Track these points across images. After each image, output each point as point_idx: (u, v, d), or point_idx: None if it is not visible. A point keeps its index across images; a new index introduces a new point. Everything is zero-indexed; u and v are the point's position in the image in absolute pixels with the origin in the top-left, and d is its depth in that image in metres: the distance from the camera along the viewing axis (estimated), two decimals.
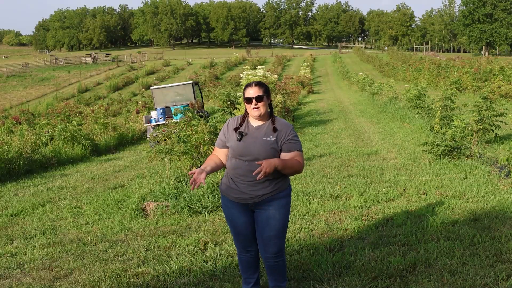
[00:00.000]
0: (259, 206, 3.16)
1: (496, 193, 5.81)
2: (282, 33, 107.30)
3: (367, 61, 56.74)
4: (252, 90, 3.12)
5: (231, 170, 3.18)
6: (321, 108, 20.26)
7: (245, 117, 3.23)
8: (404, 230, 4.65)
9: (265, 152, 3.07)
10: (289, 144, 3.11)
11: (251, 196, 3.13)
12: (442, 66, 29.80)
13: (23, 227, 5.63)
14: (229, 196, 3.22)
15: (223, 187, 3.26)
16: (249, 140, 3.12)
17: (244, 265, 3.38)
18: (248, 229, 3.26)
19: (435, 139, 8.04)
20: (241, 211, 3.22)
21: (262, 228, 3.19)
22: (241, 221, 3.23)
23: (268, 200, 3.14)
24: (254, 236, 3.29)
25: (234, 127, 3.19)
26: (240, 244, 3.33)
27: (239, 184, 3.14)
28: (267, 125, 3.16)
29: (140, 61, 69.17)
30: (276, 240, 3.19)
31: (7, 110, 34.15)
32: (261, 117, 3.15)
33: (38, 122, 16.17)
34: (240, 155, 3.11)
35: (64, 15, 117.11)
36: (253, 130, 3.15)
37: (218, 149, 3.30)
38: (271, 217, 3.15)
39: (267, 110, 3.17)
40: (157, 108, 13.84)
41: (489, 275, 3.61)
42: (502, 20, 69.47)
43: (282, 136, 3.11)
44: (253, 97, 3.10)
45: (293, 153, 3.12)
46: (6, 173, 9.06)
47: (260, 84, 3.16)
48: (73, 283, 3.88)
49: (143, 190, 6.55)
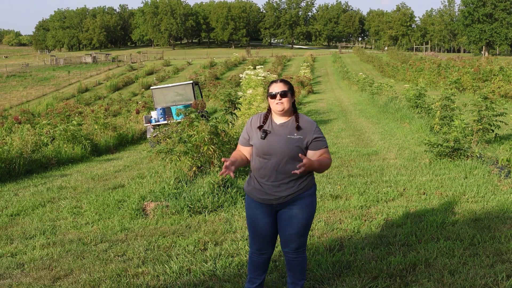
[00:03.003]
0: (283, 206, 3.16)
1: (496, 193, 5.81)
2: (282, 33, 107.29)
3: (367, 61, 56.73)
4: (277, 86, 3.13)
5: (256, 171, 3.16)
6: (321, 108, 20.26)
7: (268, 114, 3.21)
8: (404, 230, 4.65)
9: (290, 150, 3.05)
10: (316, 142, 3.11)
11: (276, 197, 3.12)
12: (442, 66, 29.79)
13: (23, 227, 5.63)
14: (254, 197, 3.20)
15: (248, 187, 3.24)
16: (273, 138, 3.10)
17: (254, 266, 3.35)
18: (269, 230, 3.23)
19: (437, 140, 8.03)
20: (264, 211, 3.20)
21: (284, 226, 3.18)
22: (263, 222, 3.21)
23: (292, 200, 3.13)
24: (272, 239, 3.27)
25: (258, 125, 3.18)
26: (256, 246, 3.29)
27: (264, 185, 3.13)
28: (290, 122, 3.14)
29: (140, 61, 69.16)
30: (296, 237, 3.18)
31: (7, 110, 34.19)
32: (284, 113, 3.13)
33: (38, 122, 16.18)
34: (265, 153, 3.10)
35: (64, 15, 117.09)
36: (277, 127, 3.14)
37: (241, 147, 3.27)
38: (294, 216, 3.14)
39: (291, 108, 3.16)
40: (157, 108, 13.85)
41: (489, 275, 3.61)
42: (502, 20, 69.45)
43: (308, 135, 3.10)
44: (277, 92, 3.11)
45: (321, 151, 3.12)
46: (6, 173, 9.06)
47: (284, 81, 3.18)
48: (73, 283, 3.88)
49: (143, 190, 6.55)
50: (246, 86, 15.08)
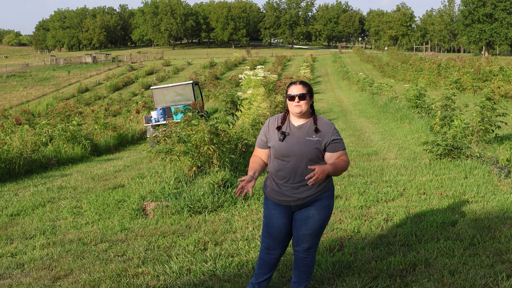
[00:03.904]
0: (301, 207, 3.17)
1: (496, 193, 5.81)
2: (282, 33, 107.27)
3: (367, 61, 56.72)
4: (295, 88, 3.12)
5: (274, 172, 3.16)
6: (321, 108, 20.25)
7: (285, 116, 3.21)
8: (404, 230, 4.65)
9: (309, 152, 3.06)
10: (334, 144, 3.11)
11: (294, 199, 3.12)
12: (442, 66, 29.80)
13: (23, 227, 5.63)
14: (272, 199, 3.21)
15: (266, 189, 3.24)
16: (291, 140, 3.10)
17: (261, 262, 3.37)
18: (282, 231, 3.24)
19: (435, 139, 8.04)
20: (281, 212, 3.20)
21: (299, 226, 3.20)
22: (278, 223, 3.21)
23: (311, 201, 3.14)
24: (283, 240, 3.27)
25: (276, 127, 3.17)
26: (265, 244, 3.31)
27: (282, 186, 3.13)
28: (309, 124, 3.14)
29: (140, 61, 69.16)
30: (310, 238, 3.20)
31: (7, 110, 34.17)
32: (302, 115, 3.13)
33: (38, 122, 16.18)
34: (283, 155, 3.09)
35: (64, 15, 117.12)
36: (295, 129, 3.13)
37: (259, 150, 3.27)
38: (310, 216, 3.15)
39: (309, 109, 3.16)
40: (157, 108, 13.85)
41: (489, 275, 3.61)
42: (502, 20, 69.46)
43: (326, 136, 3.09)
44: (296, 95, 3.10)
45: (339, 153, 3.12)
46: (6, 173, 9.06)
47: (304, 83, 3.17)
48: (73, 283, 3.88)
49: (143, 190, 6.55)
50: (246, 86, 15.10)
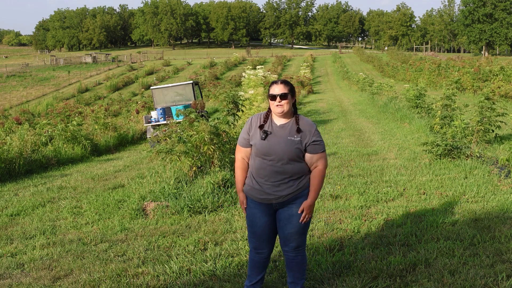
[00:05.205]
0: (283, 205, 3.17)
1: (496, 193, 5.81)
2: (282, 33, 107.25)
3: (367, 61, 56.73)
4: (277, 88, 3.12)
5: (255, 171, 3.17)
6: (321, 108, 20.25)
7: (268, 114, 3.21)
8: (404, 230, 4.65)
9: (290, 152, 3.07)
10: (314, 146, 3.12)
11: (275, 197, 3.13)
12: (442, 66, 29.80)
13: (23, 227, 5.63)
14: (253, 197, 3.21)
15: (246, 188, 3.25)
16: (273, 139, 3.10)
17: (252, 264, 3.38)
18: (266, 230, 3.25)
19: (435, 139, 8.04)
20: (263, 211, 3.21)
21: (284, 225, 3.20)
22: (261, 222, 3.22)
23: (292, 198, 3.14)
24: (269, 238, 3.28)
25: (259, 125, 3.17)
26: (253, 244, 3.32)
27: (263, 185, 3.13)
28: (291, 124, 3.14)
29: (140, 61, 69.15)
30: (296, 236, 3.20)
31: (7, 110, 34.14)
32: (284, 115, 3.13)
33: (38, 122, 16.18)
34: (265, 154, 3.10)
35: (64, 15, 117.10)
36: (277, 129, 3.14)
37: (241, 148, 3.27)
38: (293, 214, 3.16)
39: (291, 109, 3.16)
40: (157, 108, 13.85)
41: (489, 275, 3.61)
42: (502, 20, 69.45)
43: (307, 137, 3.10)
44: (277, 94, 3.09)
45: (318, 155, 3.13)
46: (6, 173, 9.06)
47: (285, 83, 3.16)
48: (73, 283, 3.88)
49: (143, 190, 6.56)
50: (247, 86, 15.09)
